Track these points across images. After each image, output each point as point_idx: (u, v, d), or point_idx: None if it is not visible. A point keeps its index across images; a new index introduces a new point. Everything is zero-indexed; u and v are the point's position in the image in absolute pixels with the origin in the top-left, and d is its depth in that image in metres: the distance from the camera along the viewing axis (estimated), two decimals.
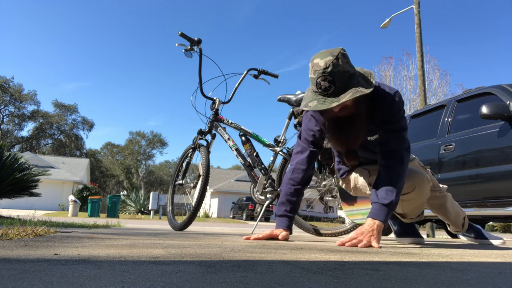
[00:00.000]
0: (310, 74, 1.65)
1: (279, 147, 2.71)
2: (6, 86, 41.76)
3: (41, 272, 0.71)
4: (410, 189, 1.98)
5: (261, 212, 2.81)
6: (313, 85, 1.66)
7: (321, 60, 1.61)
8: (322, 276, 0.80)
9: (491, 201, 3.45)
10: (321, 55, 1.63)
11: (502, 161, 3.31)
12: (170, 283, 0.66)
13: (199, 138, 2.88)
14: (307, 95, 1.72)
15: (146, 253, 1.10)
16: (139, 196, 21.99)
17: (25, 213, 8.22)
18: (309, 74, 1.67)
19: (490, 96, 3.68)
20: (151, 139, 53.79)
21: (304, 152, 2.00)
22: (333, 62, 1.59)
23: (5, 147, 4.81)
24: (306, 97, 1.74)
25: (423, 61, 10.62)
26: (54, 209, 24.02)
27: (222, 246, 1.45)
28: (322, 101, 1.63)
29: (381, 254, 1.33)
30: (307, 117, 2.03)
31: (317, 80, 1.61)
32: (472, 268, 1.04)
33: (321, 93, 1.63)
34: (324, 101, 1.62)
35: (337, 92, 1.61)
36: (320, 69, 1.60)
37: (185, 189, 2.98)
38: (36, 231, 1.70)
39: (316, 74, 1.61)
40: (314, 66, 1.63)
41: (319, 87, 1.62)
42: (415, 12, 10.80)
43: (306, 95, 1.74)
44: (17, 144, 44.98)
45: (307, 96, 1.73)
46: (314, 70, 1.62)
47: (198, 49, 2.90)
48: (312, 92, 1.68)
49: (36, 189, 4.98)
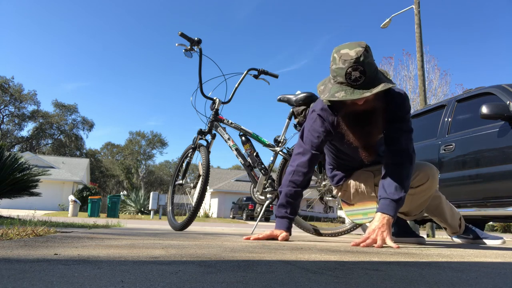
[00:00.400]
0: (338, 65, 1.61)
1: (279, 147, 2.71)
2: (6, 86, 41.76)
3: (41, 272, 0.71)
4: (424, 180, 1.99)
5: (261, 212, 2.81)
6: (339, 76, 1.62)
7: (350, 50, 1.60)
8: (322, 276, 0.80)
9: (491, 201, 3.45)
10: (349, 46, 1.62)
11: (502, 161, 3.31)
12: (170, 283, 0.66)
13: (199, 138, 2.88)
14: (329, 87, 1.68)
15: (146, 253, 1.10)
16: (139, 196, 21.99)
17: (25, 213, 8.22)
18: (335, 65, 1.63)
19: (490, 96, 3.68)
20: (151, 139, 53.80)
21: (306, 154, 1.94)
22: (363, 53, 1.59)
23: (5, 147, 4.81)
24: (326, 89, 1.69)
25: (423, 61, 10.62)
26: (54, 209, 24.01)
27: (222, 246, 1.45)
28: (351, 92, 1.60)
29: (381, 254, 1.33)
30: (312, 117, 1.96)
31: (347, 70, 1.59)
32: (472, 268, 1.04)
33: (350, 84, 1.60)
34: (353, 92, 1.59)
35: (366, 83, 1.59)
36: (352, 59, 1.58)
37: (185, 189, 2.98)
38: (36, 231, 1.70)
39: (346, 64, 1.58)
40: (343, 56, 1.60)
41: (348, 77, 1.59)
42: (415, 12, 10.80)
43: (326, 88, 1.70)
44: (17, 144, 44.98)
45: (328, 88, 1.68)
46: (343, 60, 1.59)
47: (198, 49, 2.90)
48: (337, 84, 1.64)
49: (36, 189, 4.98)
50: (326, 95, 1.67)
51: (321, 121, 1.91)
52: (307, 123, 1.98)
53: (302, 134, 2.01)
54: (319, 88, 1.80)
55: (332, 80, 1.67)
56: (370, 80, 1.60)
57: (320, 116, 1.91)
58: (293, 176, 1.94)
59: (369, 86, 1.59)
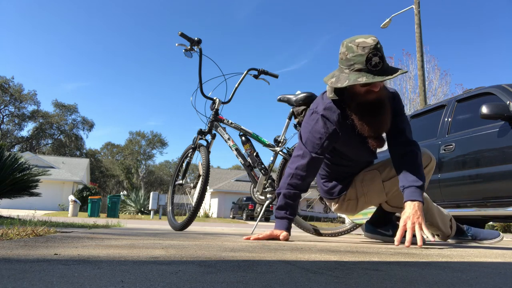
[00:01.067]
0: (356, 52, 1.67)
1: (279, 147, 2.71)
2: (6, 86, 41.77)
3: (41, 272, 0.71)
4: (428, 160, 2.03)
5: (261, 212, 2.81)
6: (358, 63, 1.67)
7: (366, 39, 1.67)
8: (322, 276, 0.80)
9: (491, 201, 3.45)
10: (363, 36, 1.70)
11: (502, 161, 3.31)
12: (170, 283, 0.66)
13: (199, 138, 2.88)
14: (345, 76, 1.70)
15: (146, 253, 1.10)
16: (139, 196, 22.00)
17: (25, 213, 8.22)
18: (352, 53, 1.68)
19: (490, 96, 3.68)
20: (151, 139, 53.83)
21: (305, 157, 1.89)
22: (378, 41, 1.68)
23: (5, 147, 4.81)
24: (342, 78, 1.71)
25: (423, 61, 10.62)
26: (54, 209, 24.02)
27: (222, 246, 1.45)
28: (371, 77, 1.65)
29: (381, 254, 1.33)
30: (313, 119, 1.90)
31: (367, 56, 1.65)
32: (472, 268, 1.04)
33: (369, 70, 1.66)
34: (374, 78, 1.65)
35: (385, 69, 1.67)
36: (371, 45, 1.65)
37: (185, 189, 2.98)
38: (36, 231, 1.70)
39: (366, 50, 1.65)
40: (361, 44, 1.67)
41: (369, 63, 1.65)
42: (415, 12, 10.80)
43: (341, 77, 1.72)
44: (17, 144, 44.99)
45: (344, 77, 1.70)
46: (362, 47, 1.66)
47: (198, 49, 2.90)
48: (355, 72, 1.68)
49: (36, 189, 4.98)
50: (346, 82, 1.69)
51: (324, 121, 1.86)
52: (307, 125, 1.93)
53: (301, 136, 1.96)
54: (329, 80, 1.77)
55: (347, 69, 1.71)
56: (387, 67, 1.69)
57: (324, 116, 1.86)
58: (291, 179, 1.90)
59: (387, 72, 1.67)
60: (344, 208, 2.16)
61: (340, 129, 1.87)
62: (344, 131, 1.88)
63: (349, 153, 2.03)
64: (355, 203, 2.12)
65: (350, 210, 2.18)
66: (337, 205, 2.17)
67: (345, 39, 1.77)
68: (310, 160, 1.88)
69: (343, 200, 2.14)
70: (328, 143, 1.89)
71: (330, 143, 1.91)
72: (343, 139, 1.92)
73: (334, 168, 2.11)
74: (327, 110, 1.87)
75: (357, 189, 2.09)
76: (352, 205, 2.13)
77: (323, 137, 1.87)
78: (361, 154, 2.05)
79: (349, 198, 2.12)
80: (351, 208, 2.15)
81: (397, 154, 1.89)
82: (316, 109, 1.91)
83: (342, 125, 1.87)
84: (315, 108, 1.92)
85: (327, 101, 1.89)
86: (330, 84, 1.77)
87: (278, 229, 1.91)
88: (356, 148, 1.99)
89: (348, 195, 2.11)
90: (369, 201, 2.11)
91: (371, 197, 2.09)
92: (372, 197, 2.09)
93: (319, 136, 1.87)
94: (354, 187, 2.10)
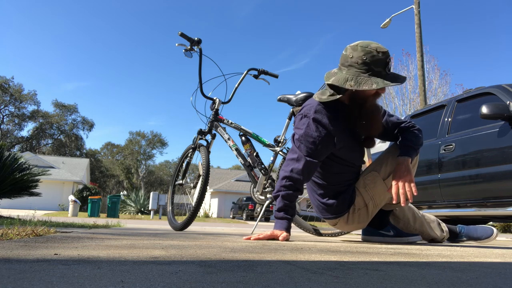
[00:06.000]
0: (377, 56, 1.73)
1: (279, 147, 2.71)
2: (6, 86, 41.78)
3: (41, 272, 0.71)
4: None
5: (261, 212, 2.81)
6: (379, 67, 1.74)
7: (378, 45, 1.76)
8: (322, 276, 0.80)
9: (491, 201, 3.45)
10: (373, 42, 1.78)
11: (502, 161, 3.31)
12: (170, 283, 0.66)
13: (199, 138, 2.88)
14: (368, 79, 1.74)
15: (146, 253, 1.10)
16: (139, 196, 22.01)
17: (25, 213, 8.22)
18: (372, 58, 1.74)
19: (490, 96, 3.68)
20: (151, 139, 53.84)
21: (300, 160, 1.87)
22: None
23: (5, 147, 4.81)
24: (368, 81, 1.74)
25: (423, 61, 10.63)
26: (54, 209, 24.03)
27: (222, 246, 1.45)
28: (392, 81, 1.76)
29: (381, 254, 1.33)
30: (303, 123, 1.88)
31: (386, 60, 1.74)
32: (472, 268, 1.04)
33: (386, 73, 1.76)
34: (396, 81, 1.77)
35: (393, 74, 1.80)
36: (387, 51, 1.75)
37: (185, 189, 2.98)
38: (36, 231, 1.70)
39: (385, 55, 1.74)
40: (378, 49, 1.74)
41: (387, 67, 1.76)
42: (415, 12, 10.81)
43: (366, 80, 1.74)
44: (17, 144, 45.00)
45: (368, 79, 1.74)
46: (381, 52, 1.74)
47: (198, 49, 2.90)
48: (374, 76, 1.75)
49: (36, 189, 4.99)
50: (374, 85, 1.72)
51: (316, 125, 1.85)
52: (299, 130, 1.90)
53: (293, 139, 1.93)
54: (348, 83, 1.74)
55: (366, 72, 1.76)
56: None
57: (315, 119, 1.85)
58: (287, 181, 1.88)
59: (396, 76, 1.79)
60: (356, 220, 2.04)
61: (333, 131, 1.86)
62: (338, 133, 1.88)
63: (347, 157, 1.99)
64: (365, 211, 2.02)
65: (362, 221, 2.05)
66: (347, 219, 2.04)
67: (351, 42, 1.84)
68: (305, 164, 1.86)
69: (353, 212, 2.02)
70: (322, 147, 1.86)
71: (324, 148, 1.87)
72: (338, 143, 1.90)
73: (335, 179, 2.02)
74: (318, 113, 1.86)
75: (363, 195, 2.00)
76: (363, 214, 2.02)
77: (316, 141, 1.85)
78: (357, 157, 2.04)
79: (359, 208, 2.01)
80: (363, 217, 2.03)
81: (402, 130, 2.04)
82: (307, 114, 1.88)
83: (335, 127, 1.86)
84: (304, 112, 1.90)
85: (316, 104, 1.89)
86: (348, 86, 1.75)
87: (278, 230, 1.91)
88: (352, 150, 1.99)
89: (357, 205, 2.01)
90: (377, 204, 2.02)
91: (378, 199, 2.01)
92: (379, 198, 2.01)
93: (312, 140, 1.85)
94: (359, 194, 2.01)
